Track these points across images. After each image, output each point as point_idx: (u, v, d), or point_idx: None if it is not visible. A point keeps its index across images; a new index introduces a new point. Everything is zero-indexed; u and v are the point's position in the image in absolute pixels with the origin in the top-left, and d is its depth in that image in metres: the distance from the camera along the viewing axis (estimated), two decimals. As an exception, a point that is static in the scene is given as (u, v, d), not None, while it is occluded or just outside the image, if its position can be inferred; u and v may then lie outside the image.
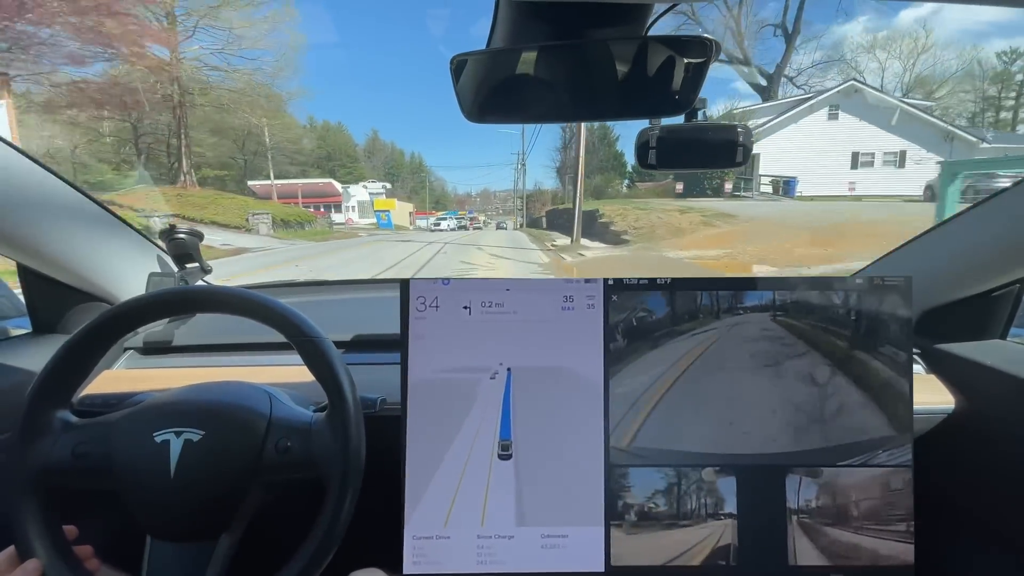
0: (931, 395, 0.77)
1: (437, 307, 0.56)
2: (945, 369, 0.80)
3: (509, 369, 0.55)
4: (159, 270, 1.00)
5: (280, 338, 0.60)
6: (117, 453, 0.58)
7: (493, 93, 0.66)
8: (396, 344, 0.58)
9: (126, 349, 0.98)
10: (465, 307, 0.56)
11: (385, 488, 0.61)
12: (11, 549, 0.56)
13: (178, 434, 0.57)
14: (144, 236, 0.99)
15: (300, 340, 0.59)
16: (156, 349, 0.97)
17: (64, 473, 0.57)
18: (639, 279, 0.57)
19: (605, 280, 0.57)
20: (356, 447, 0.57)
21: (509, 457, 0.54)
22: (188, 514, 0.58)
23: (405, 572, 0.53)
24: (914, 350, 0.82)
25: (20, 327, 0.95)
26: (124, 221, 0.94)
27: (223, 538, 0.60)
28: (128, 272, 0.95)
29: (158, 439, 0.57)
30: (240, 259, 11.54)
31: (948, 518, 0.79)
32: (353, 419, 0.57)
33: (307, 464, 0.58)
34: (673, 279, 0.57)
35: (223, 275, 1.11)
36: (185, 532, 0.59)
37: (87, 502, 0.73)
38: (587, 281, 0.56)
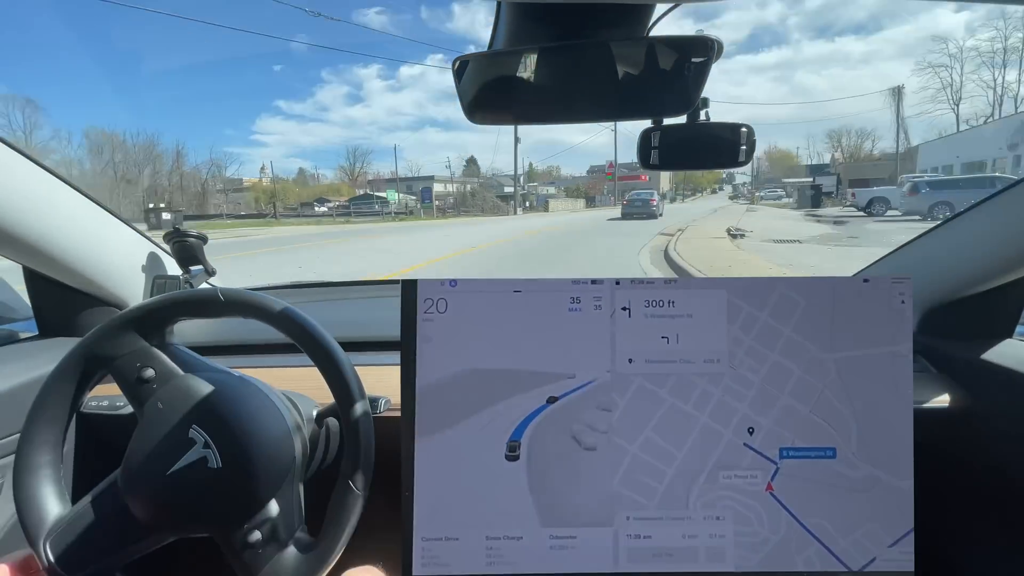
0: (934, 393, 0.77)
1: (444, 309, 0.56)
2: (951, 367, 0.80)
3: (516, 371, 0.56)
4: (163, 272, 1.00)
5: (282, 339, 0.60)
6: (155, 408, 0.56)
7: (495, 94, 0.66)
8: (395, 345, 0.58)
9: None
10: (472, 309, 0.56)
11: (384, 487, 0.61)
12: (23, 553, 0.56)
13: (205, 445, 0.55)
14: (148, 239, 1.00)
15: (310, 344, 0.59)
16: None
17: (115, 373, 0.57)
18: (645, 279, 0.57)
19: (613, 280, 0.57)
20: (366, 461, 0.57)
21: (517, 458, 0.55)
22: (156, 513, 0.56)
23: (415, 574, 0.53)
24: (919, 348, 0.82)
25: (26, 330, 0.96)
26: (129, 224, 0.95)
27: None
28: (133, 275, 0.95)
29: (190, 433, 0.55)
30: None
31: (949, 520, 0.79)
32: (363, 432, 0.57)
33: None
34: (678, 278, 0.57)
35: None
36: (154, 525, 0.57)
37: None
38: (593, 282, 0.57)
